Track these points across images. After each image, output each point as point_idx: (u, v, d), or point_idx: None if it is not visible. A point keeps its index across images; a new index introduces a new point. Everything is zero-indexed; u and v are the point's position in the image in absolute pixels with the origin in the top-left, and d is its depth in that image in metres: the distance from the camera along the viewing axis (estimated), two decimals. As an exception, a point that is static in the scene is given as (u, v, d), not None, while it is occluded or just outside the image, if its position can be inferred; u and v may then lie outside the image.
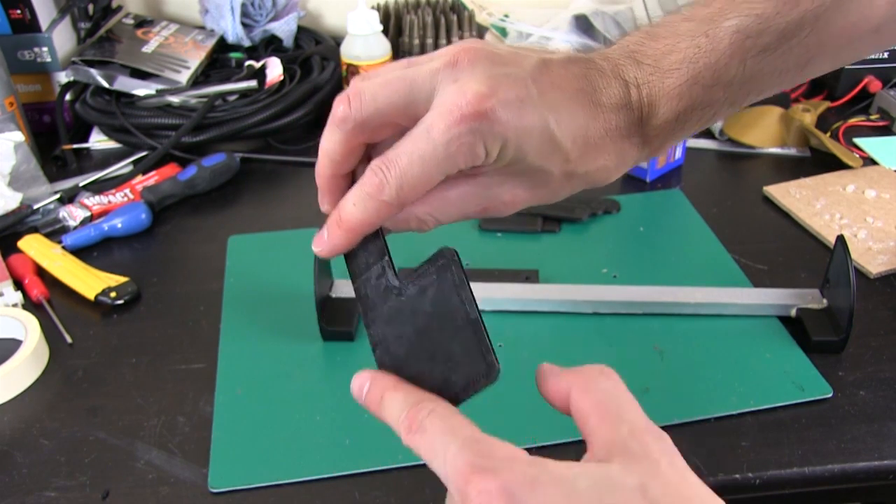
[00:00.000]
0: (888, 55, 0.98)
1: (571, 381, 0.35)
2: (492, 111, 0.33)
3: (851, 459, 0.52)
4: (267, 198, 0.85)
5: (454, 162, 0.34)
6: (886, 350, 0.61)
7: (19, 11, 0.92)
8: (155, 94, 0.92)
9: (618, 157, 0.40)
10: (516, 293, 0.66)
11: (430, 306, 0.35)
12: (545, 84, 0.36)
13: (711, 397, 0.57)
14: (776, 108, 0.93)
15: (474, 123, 0.33)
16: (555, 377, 0.36)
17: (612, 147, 0.39)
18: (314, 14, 1.18)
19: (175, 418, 0.57)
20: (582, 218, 0.76)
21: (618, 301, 0.65)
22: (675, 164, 0.87)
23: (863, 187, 0.81)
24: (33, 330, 0.63)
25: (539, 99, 0.35)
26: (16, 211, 0.78)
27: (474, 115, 0.33)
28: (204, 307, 0.68)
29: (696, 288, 0.65)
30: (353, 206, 0.35)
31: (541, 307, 0.65)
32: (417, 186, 0.34)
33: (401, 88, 0.35)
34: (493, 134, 0.34)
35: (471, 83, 0.34)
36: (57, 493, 0.51)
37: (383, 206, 0.35)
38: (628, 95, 0.39)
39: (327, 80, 0.98)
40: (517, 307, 0.65)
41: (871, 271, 0.69)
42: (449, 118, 0.33)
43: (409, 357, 0.36)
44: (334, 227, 0.36)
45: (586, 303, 0.65)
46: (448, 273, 0.34)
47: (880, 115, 0.96)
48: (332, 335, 0.63)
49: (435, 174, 0.34)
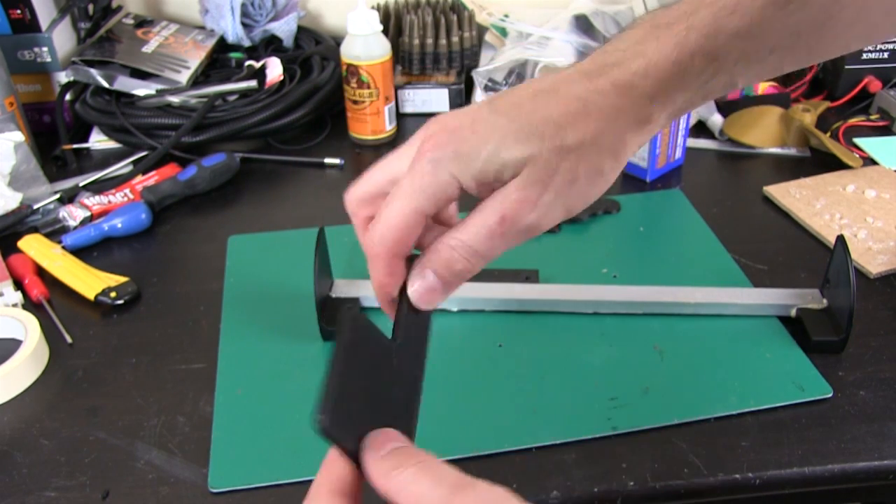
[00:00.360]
0: (888, 55, 0.98)
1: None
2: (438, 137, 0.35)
3: (851, 459, 0.52)
4: (267, 198, 0.85)
5: (427, 195, 0.35)
6: (886, 350, 0.61)
7: (19, 11, 0.92)
8: (155, 94, 0.92)
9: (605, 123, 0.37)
10: (516, 293, 0.66)
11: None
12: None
13: (711, 397, 0.57)
14: (776, 108, 0.93)
15: (429, 153, 0.35)
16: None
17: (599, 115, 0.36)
18: (314, 14, 1.18)
19: (175, 418, 0.57)
20: (582, 218, 0.76)
21: (618, 301, 0.65)
22: (675, 164, 0.87)
23: (863, 187, 0.81)
24: (33, 330, 0.63)
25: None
26: (16, 211, 0.78)
27: (426, 144, 0.35)
28: (204, 307, 0.68)
29: (696, 288, 0.65)
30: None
31: (541, 307, 0.65)
32: (394, 228, 0.36)
33: (408, 214, 0.36)
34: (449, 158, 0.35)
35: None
36: (57, 493, 0.51)
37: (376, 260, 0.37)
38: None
39: (327, 80, 0.98)
40: (517, 307, 0.65)
41: (871, 271, 0.69)
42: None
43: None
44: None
45: (586, 303, 0.65)
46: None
47: (880, 115, 0.96)
48: (332, 335, 0.63)
49: (410, 214, 0.36)
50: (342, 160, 0.90)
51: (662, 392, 0.57)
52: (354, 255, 0.72)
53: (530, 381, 0.58)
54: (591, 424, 0.55)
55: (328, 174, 0.89)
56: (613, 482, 0.51)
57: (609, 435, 0.54)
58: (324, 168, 0.90)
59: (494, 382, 0.58)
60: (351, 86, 0.91)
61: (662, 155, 0.84)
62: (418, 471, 0.30)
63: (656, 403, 0.56)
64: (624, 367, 0.60)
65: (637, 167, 0.85)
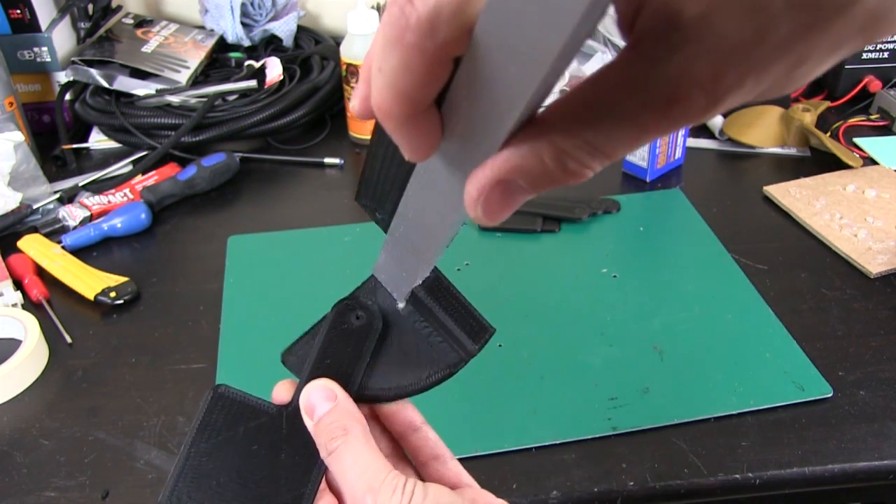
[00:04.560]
0: (888, 55, 0.98)
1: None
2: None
3: (851, 459, 0.52)
4: (267, 198, 0.85)
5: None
6: (886, 350, 0.61)
7: (19, 11, 0.92)
8: (155, 94, 0.92)
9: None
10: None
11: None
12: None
13: (711, 397, 0.57)
14: (776, 107, 0.93)
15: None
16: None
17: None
18: (314, 14, 1.18)
19: (175, 418, 0.57)
20: (582, 218, 0.76)
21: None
22: (675, 163, 0.87)
23: (863, 187, 0.81)
24: (33, 330, 0.63)
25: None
26: (16, 211, 0.78)
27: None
28: (204, 307, 0.68)
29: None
30: (378, 73, 0.22)
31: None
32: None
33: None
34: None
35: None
36: (57, 493, 0.51)
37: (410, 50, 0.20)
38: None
39: (327, 80, 0.98)
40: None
41: (871, 271, 0.69)
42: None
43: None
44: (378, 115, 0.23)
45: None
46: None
47: (880, 115, 0.96)
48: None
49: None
50: (342, 160, 0.90)
51: (662, 392, 0.57)
52: (354, 254, 0.72)
53: (530, 381, 0.58)
54: (591, 424, 0.55)
55: (328, 174, 0.89)
56: (613, 482, 0.51)
57: (609, 435, 0.54)
58: (323, 168, 0.90)
59: (494, 382, 0.58)
60: (351, 86, 0.91)
61: (662, 155, 0.84)
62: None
63: (656, 403, 0.56)
64: (624, 367, 0.60)
65: (637, 167, 0.85)
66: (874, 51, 0.97)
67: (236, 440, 0.35)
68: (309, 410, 0.34)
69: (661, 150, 0.83)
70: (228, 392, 0.36)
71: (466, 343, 0.35)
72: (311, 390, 0.35)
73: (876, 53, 0.97)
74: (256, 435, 0.35)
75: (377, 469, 0.32)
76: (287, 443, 0.35)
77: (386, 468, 0.32)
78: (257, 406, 0.36)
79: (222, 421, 0.35)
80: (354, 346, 0.35)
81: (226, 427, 0.35)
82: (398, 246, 0.33)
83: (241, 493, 0.34)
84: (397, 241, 0.32)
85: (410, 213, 0.30)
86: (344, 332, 0.36)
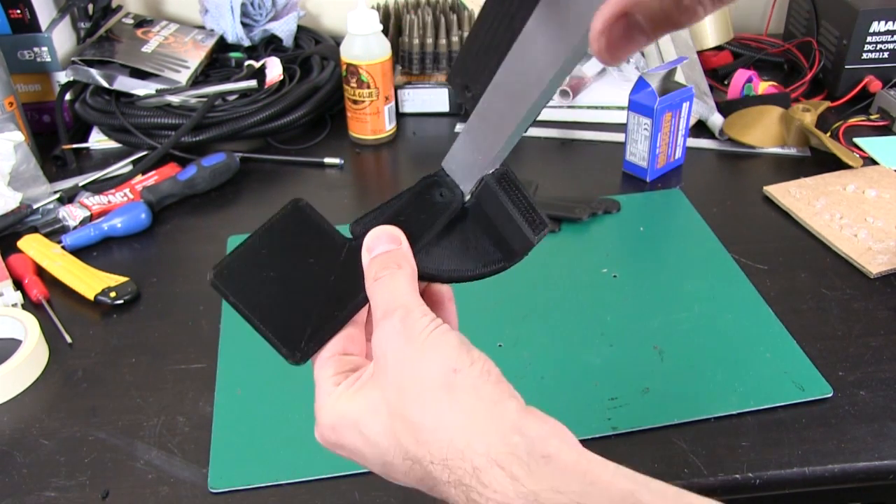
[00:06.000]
0: (888, 55, 0.98)
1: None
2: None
3: (851, 459, 0.52)
4: (267, 198, 0.85)
5: None
6: (886, 350, 0.61)
7: (19, 11, 0.92)
8: (155, 94, 0.92)
9: None
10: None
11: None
12: None
13: (711, 397, 0.57)
14: (776, 108, 0.93)
15: None
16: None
17: None
18: (314, 14, 1.18)
19: (175, 418, 0.57)
20: (582, 218, 0.76)
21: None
22: (675, 163, 0.87)
23: (863, 187, 0.81)
24: (33, 330, 0.63)
25: None
26: (15, 211, 0.78)
27: None
28: (204, 307, 0.68)
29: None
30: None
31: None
32: None
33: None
34: None
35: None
36: (57, 493, 0.51)
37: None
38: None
39: (327, 80, 0.98)
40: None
41: (872, 271, 0.69)
42: None
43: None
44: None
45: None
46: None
47: (880, 115, 0.96)
48: None
49: None
50: (342, 160, 0.90)
51: (662, 392, 0.57)
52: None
53: (530, 381, 0.58)
54: (591, 424, 0.55)
55: (328, 174, 0.89)
56: (613, 482, 0.51)
57: (609, 435, 0.54)
58: (323, 168, 0.90)
59: (494, 382, 0.58)
60: (351, 86, 0.91)
61: (662, 155, 0.84)
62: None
63: (656, 403, 0.56)
64: (624, 367, 0.60)
65: (637, 167, 0.85)
66: (874, 51, 0.97)
67: (298, 249, 0.38)
68: (371, 247, 0.37)
69: (661, 150, 0.83)
70: (307, 208, 0.39)
71: (529, 234, 0.37)
72: (378, 231, 0.37)
73: (876, 53, 0.97)
74: (317, 253, 0.38)
75: (413, 297, 0.35)
76: (341, 269, 0.38)
77: (422, 303, 0.35)
78: (327, 230, 0.39)
79: (292, 229, 0.38)
80: (429, 216, 0.38)
81: (293, 235, 0.38)
82: (482, 124, 0.35)
83: (281, 292, 0.37)
84: (482, 119, 0.35)
85: (509, 76, 0.32)
86: (424, 202, 0.38)
